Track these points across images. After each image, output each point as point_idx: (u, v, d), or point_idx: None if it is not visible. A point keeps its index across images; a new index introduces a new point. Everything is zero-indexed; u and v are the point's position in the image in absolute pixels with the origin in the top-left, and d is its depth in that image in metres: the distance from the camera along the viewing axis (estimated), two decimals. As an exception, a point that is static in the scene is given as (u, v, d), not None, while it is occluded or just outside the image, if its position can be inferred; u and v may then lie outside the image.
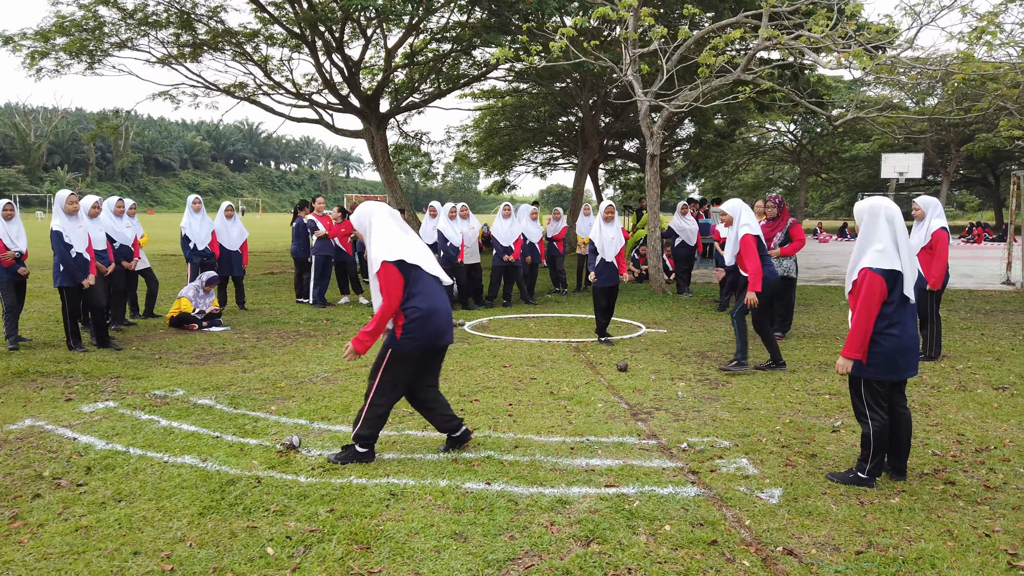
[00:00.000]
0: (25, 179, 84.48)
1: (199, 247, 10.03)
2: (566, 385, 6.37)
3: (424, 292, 4.22)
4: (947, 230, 7.20)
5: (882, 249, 4.02)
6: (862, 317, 3.97)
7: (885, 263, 4.00)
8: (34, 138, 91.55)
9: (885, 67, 9.46)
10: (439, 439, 4.78)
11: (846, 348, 4.01)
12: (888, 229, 4.05)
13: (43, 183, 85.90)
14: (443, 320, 4.30)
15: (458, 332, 9.06)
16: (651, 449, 4.69)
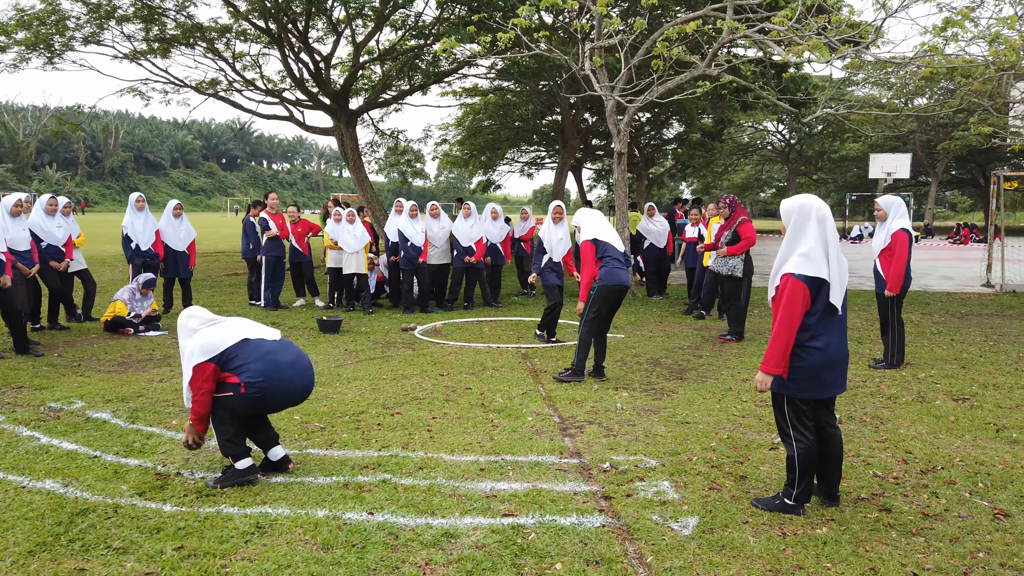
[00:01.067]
0: (13, 178, 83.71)
1: (142, 247, 9.61)
2: (501, 396, 5.99)
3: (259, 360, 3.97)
4: (908, 231, 6.84)
5: (807, 253, 3.65)
6: (783, 328, 3.60)
7: (809, 269, 3.63)
8: (23, 137, 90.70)
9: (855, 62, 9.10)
10: (340, 459, 4.40)
11: (765, 362, 3.64)
12: (817, 232, 3.68)
13: (32, 182, 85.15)
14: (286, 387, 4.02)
15: (405, 338, 8.68)
16: (569, 470, 4.31)
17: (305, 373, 4.09)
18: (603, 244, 6.58)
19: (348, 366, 7.05)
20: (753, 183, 55.61)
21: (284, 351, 4.06)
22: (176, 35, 17.20)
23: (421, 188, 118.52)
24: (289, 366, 3.99)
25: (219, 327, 4.03)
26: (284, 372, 3.96)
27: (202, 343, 3.89)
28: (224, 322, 4.11)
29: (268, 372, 3.91)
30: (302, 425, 5.10)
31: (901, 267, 6.83)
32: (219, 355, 3.88)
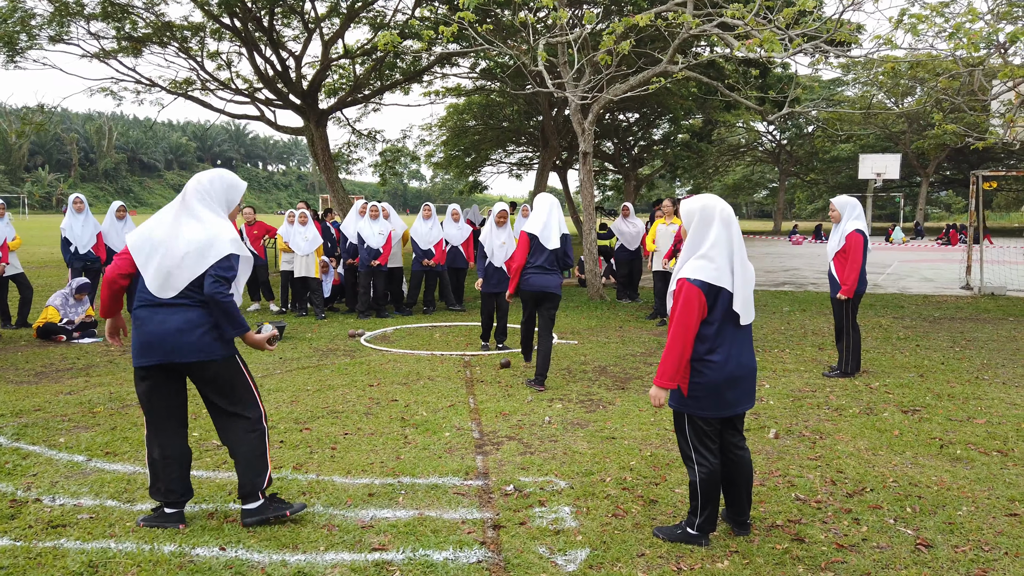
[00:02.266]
0: (6, 179, 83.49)
1: (80, 251, 9.27)
2: (426, 408, 5.67)
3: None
4: (863, 233, 6.53)
5: (708, 256, 3.33)
6: (676, 337, 3.28)
7: (707, 274, 3.31)
8: (15, 138, 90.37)
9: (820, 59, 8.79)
10: (221, 483, 4.07)
11: (658, 375, 3.32)
12: (721, 234, 3.36)
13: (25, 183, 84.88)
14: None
15: (348, 345, 8.35)
16: (467, 493, 3.98)
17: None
18: (536, 243, 6.28)
19: (276, 376, 6.72)
20: (745, 184, 55.34)
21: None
22: (147, 34, 16.89)
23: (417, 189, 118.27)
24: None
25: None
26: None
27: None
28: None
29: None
30: (198, 443, 4.77)
31: (855, 270, 6.51)
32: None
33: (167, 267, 3.37)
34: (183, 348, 3.36)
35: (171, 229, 3.44)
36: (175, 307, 3.38)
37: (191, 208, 3.48)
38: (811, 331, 9.44)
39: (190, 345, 3.36)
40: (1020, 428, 5.20)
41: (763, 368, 7.16)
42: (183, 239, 3.39)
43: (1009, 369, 7.13)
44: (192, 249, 3.36)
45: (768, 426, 5.27)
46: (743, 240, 3.41)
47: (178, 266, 3.37)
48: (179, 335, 3.36)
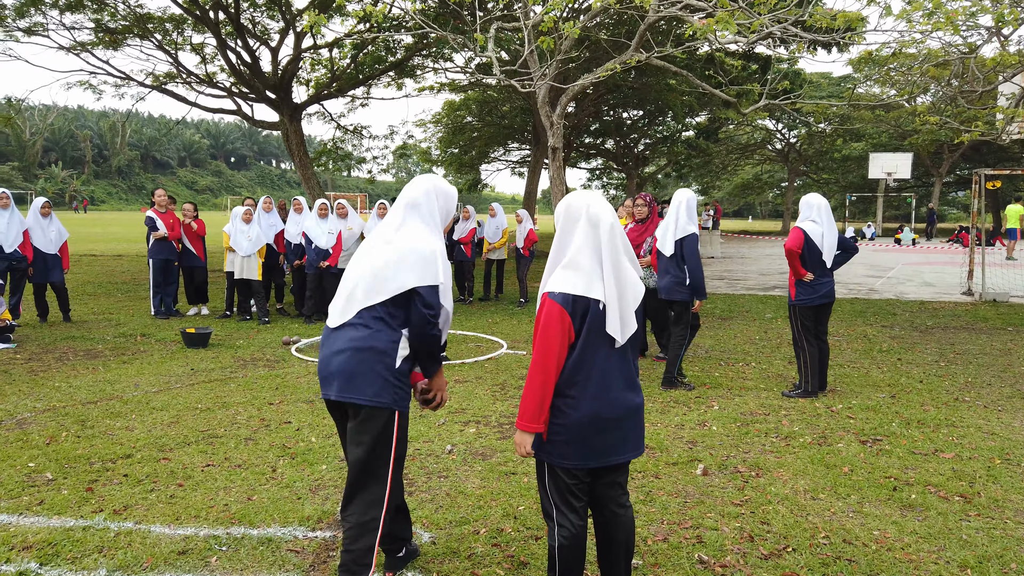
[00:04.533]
0: (19, 176, 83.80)
1: (6, 249, 8.70)
2: (317, 434, 5.01)
3: None
4: (803, 231, 5.84)
5: (572, 264, 2.65)
6: (536, 367, 2.60)
7: (572, 285, 2.62)
8: (29, 135, 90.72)
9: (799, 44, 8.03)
10: (17, 531, 3.43)
11: (519, 415, 2.64)
12: (588, 237, 2.67)
13: (38, 180, 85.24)
14: None
15: (274, 354, 7.71)
16: (304, 551, 3.32)
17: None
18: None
19: (173, 390, 6.09)
20: (755, 183, 54.22)
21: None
22: (125, 26, 16.38)
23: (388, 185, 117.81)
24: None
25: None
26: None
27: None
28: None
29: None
30: (29, 476, 4.13)
31: (792, 274, 5.93)
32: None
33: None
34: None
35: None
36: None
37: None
38: (788, 341, 8.69)
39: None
40: (992, 465, 4.46)
41: (718, 385, 6.44)
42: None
43: (995, 389, 6.37)
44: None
45: (700, 459, 4.57)
46: (626, 246, 2.72)
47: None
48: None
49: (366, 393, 2.80)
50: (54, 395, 5.85)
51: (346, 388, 2.81)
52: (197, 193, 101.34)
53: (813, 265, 5.87)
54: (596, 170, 43.46)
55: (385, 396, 2.82)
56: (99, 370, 6.78)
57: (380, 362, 2.82)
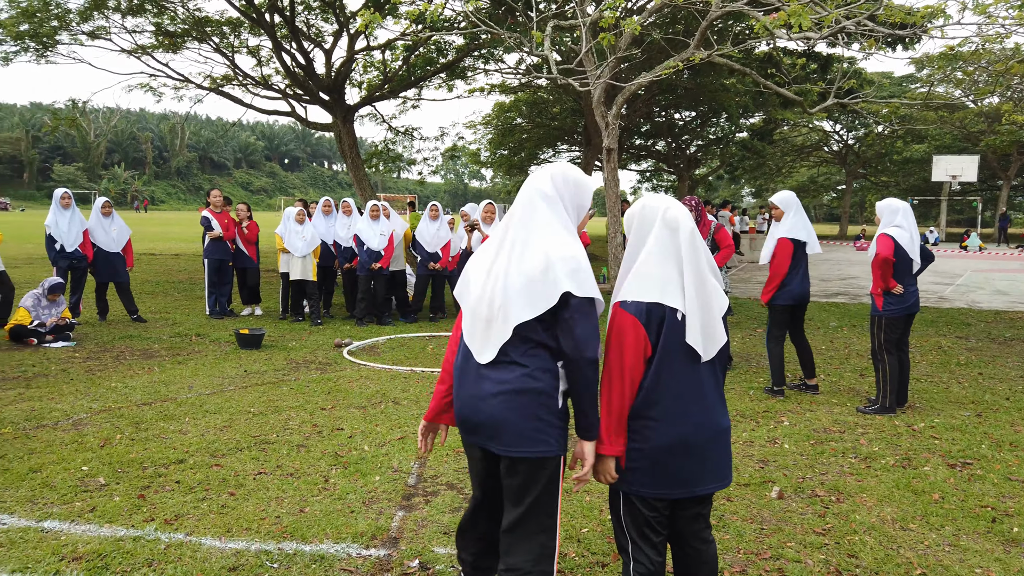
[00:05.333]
0: (84, 176, 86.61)
1: (67, 248, 8.83)
2: (369, 442, 4.86)
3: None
4: (893, 238, 5.48)
5: (646, 273, 2.42)
6: (610, 384, 2.39)
7: (647, 294, 2.39)
8: (94, 137, 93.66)
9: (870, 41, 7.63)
10: (66, 540, 3.34)
11: (602, 440, 2.42)
12: (665, 243, 2.45)
13: (101, 181, 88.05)
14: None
15: (327, 357, 7.62)
16: (358, 570, 3.15)
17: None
18: (801, 249, 6.16)
19: (226, 393, 6.03)
20: (810, 186, 52.83)
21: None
22: (185, 29, 16.66)
23: (478, 189, 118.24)
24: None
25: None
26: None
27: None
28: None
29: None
30: (82, 479, 4.07)
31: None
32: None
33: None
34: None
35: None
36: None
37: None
38: (856, 352, 8.28)
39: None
40: (1102, 497, 4.07)
41: (786, 399, 6.11)
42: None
43: (1092, 409, 5.89)
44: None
45: (774, 480, 4.28)
46: (706, 252, 2.48)
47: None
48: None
49: (531, 446, 2.34)
50: (110, 395, 5.84)
51: (506, 441, 2.34)
52: (252, 194, 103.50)
53: (902, 273, 5.50)
54: (646, 172, 42.87)
55: (551, 444, 2.36)
56: (154, 370, 6.78)
57: (542, 406, 2.34)
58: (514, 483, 2.39)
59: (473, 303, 2.44)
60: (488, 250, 2.48)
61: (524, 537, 2.39)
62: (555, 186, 2.45)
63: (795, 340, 6.28)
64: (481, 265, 2.47)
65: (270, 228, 10.98)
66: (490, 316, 2.37)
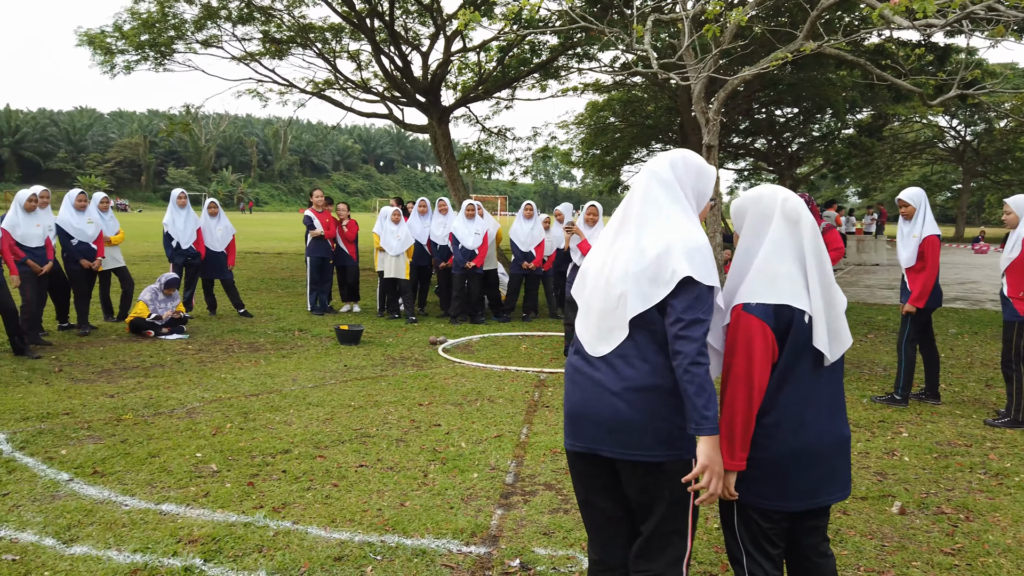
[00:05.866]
0: (195, 179, 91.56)
1: (183, 246, 9.30)
2: (467, 439, 4.87)
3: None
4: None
5: (769, 272, 2.28)
6: (737, 393, 2.25)
7: (773, 295, 2.25)
8: (204, 141, 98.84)
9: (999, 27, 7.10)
10: (181, 524, 3.47)
11: (726, 450, 2.23)
12: (786, 237, 2.30)
13: (211, 183, 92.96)
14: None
15: (423, 354, 7.71)
16: (459, 567, 3.13)
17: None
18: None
19: (328, 386, 6.18)
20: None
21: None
22: (290, 36, 17.34)
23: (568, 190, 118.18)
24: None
25: None
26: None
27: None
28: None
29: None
30: (196, 466, 4.24)
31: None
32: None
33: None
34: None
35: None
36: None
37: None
38: (980, 361, 7.72)
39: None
40: None
41: (904, 409, 5.74)
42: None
43: None
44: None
45: (894, 494, 4.01)
46: (826, 251, 2.32)
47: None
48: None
49: (661, 448, 2.16)
50: (220, 386, 6.09)
51: (630, 443, 2.16)
52: (348, 195, 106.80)
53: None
54: (744, 171, 41.64)
55: (681, 445, 2.18)
56: (260, 363, 7.03)
57: (668, 404, 2.15)
58: (640, 488, 2.22)
59: (588, 295, 2.30)
60: (604, 242, 2.34)
61: (660, 544, 2.25)
62: (675, 172, 2.29)
63: (925, 347, 5.88)
64: (597, 258, 2.33)
65: (366, 228, 11.22)
66: (605, 307, 2.22)
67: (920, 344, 5.85)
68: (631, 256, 2.20)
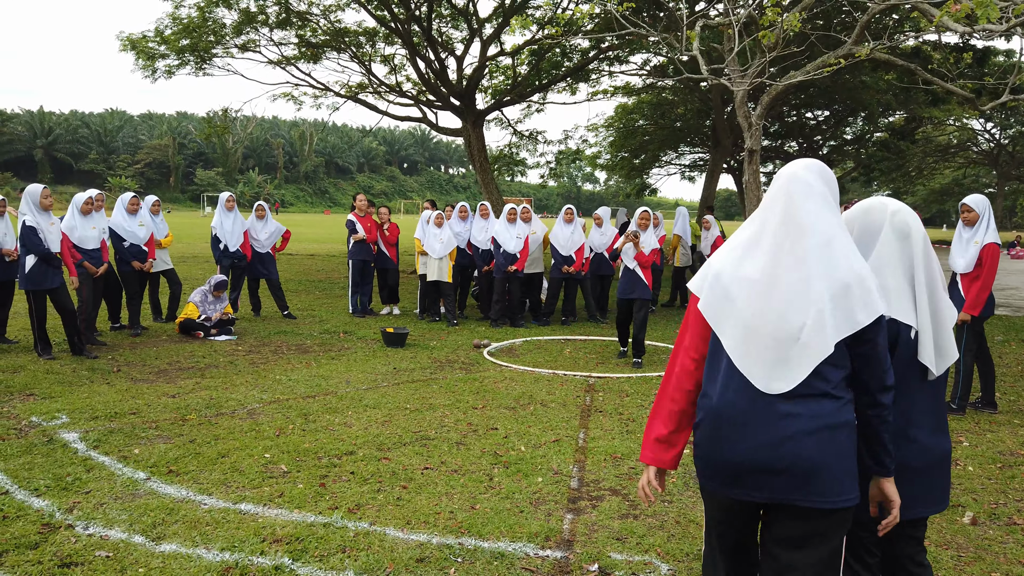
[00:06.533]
0: (222, 180, 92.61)
1: (230, 248, 9.46)
2: (526, 443, 4.91)
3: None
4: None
5: (881, 288, 2.29)
6: None
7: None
8: (232, 143, 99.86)
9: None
10: (262, 524, 3.55)
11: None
12: (895, 251, 2.31)
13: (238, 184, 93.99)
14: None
15: (469, 356, 7.77)
16: (539, 571, 3.17)
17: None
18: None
19: (381, 388, 6.26)
20: (955, 189, 49.21)
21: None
22: (325, 40, 17.54)
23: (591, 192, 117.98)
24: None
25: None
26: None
27: None
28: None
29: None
30: (266, 466, 4.32)
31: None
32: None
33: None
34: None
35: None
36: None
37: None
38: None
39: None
40: None
41: (960, 419, 5.69)
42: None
43: None
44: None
45: (963, 504, 3.99)
46: (936, 263, 2.32)
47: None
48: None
49: (840, 490, 1.97)
50: (276, 387, 6.20)
51: (821, 489, 1.96)
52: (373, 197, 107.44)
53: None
54: (773, 173, 41.35)
55: (854, 487, 2.01)
56: (311, 365, 7.13)
57: (851, 441, 2.00)
58: (803, 536, 2.02)
59: (749, 318, 2.02)
60: (749, 256, 2.10)
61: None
62: (823, 180, 2.13)
63: (979, 355, 5.84)
64: (745, 274, 2.07)
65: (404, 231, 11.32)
66: (786, 335, 1.97)
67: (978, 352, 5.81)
68: (816, 277, 1.99)
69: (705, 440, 2.10)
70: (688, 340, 2.20)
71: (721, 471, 2.07)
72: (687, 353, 2.20)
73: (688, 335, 2.21)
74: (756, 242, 2.11)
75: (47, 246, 6.81)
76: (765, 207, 2.15)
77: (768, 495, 2.00)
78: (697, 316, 2.18)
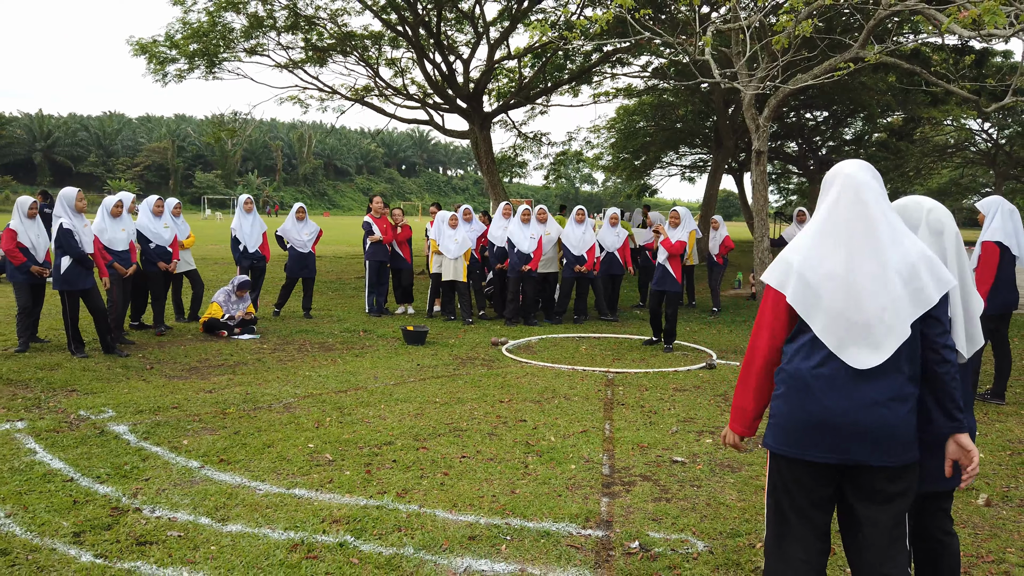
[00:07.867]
0: (221, 183, 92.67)
1: (249, 249, 9.66)
2: (555, 433, 5.12)
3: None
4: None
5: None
6: None
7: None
8: (230, 146, 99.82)
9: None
10: (318, 507, 3.76)
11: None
12: (930, 246, 2.53)
13: (237, 187, 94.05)
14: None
15: (488, 354, 7.99)
16: (583, 547, 3.39)
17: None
18: (1008, 254, 5.87)
19: (408, 384, 6.47)
20: (953, 189, 49.53)
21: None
22: (331, 44, 17.75)
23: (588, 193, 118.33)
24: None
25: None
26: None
27: None
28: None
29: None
30: (312, 455, 4.53)
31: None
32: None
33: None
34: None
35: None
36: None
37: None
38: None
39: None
40: None
41: (970, 409, 5.91)
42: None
43: None
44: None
45: (977, 488, 4.21)
46: (966, 258, 2.53)
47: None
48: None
49: (906, 451, 2.27)
50: (307, 383, 6.40)
51: (893, 450, 2.25)
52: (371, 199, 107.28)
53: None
54: (772, 174, 41.61)
55: (916, 448, 2.32)
56: (337, 362, 7.34)
57: (915, 412, 2.30)
58: (890, 493, 2.30)
59: (837, 307, 2.26)
60: (826, 252, 2.32)
61: (895, 545, 2.34)
62: (876, 178, 2.36)
63: (999, 350, 6.05)
64: (827, 271, 2.29)
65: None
66: (872, 318, 2.23)
67: (994, 345, 6.03)
68: (890, 265, 2.24)
69: (790, 408, 2.32)
70: (773, 328, 2.40)
71: (804, 436, 2.29)
72: (774, 341, 2.40)
73: (771, 324, 2.40)
74: (830, 238, 2.33)
75: (83, 248, 7.02)
76: (828, 206, 2.36)
77: (845, 457, 2.26)
78: (778, 306, 2.38)
